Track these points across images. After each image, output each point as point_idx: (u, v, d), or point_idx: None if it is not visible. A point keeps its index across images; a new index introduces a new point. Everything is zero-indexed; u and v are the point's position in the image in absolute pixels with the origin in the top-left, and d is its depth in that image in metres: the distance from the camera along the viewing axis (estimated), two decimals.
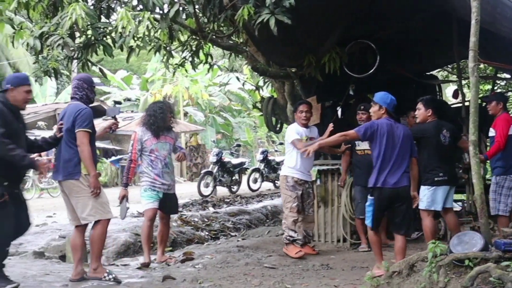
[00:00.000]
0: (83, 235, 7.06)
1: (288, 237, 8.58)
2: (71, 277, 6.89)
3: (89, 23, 7.77)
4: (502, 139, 8.10)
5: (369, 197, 7.08)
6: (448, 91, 20.53)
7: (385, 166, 6.92)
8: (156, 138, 8.13)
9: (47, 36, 7.90)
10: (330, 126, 8.03)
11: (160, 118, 8.12)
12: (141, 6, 8.02)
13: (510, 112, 11.71)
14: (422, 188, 7.71)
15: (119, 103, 9.13)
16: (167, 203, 8.36)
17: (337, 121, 10.27)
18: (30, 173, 21.85)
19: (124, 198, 8.16)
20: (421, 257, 5.98)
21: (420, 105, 7.91)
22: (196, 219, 12.22)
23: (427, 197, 7.67)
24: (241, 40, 10.93)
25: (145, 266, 8.08)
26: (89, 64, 8.81)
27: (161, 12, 8.11)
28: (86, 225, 6.98)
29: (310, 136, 8.65)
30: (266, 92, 14.23)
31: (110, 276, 6.86)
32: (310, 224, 8.84)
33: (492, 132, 8.27)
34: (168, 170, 8.31)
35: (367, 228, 7.27)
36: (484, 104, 9.06)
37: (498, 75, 13.51)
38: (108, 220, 6.97)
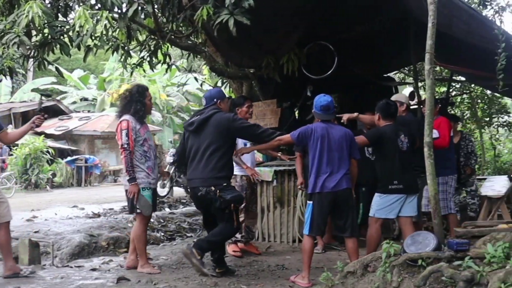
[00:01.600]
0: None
1: (232, 238, 8.58)
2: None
3: (46, 21, 7.66)
4: (447, 138, 8.25)
5: (308, 202, 7.04)
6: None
7: (323, 170, 6.87)
8: (144, 126, 7.60)
9: (2, 34, 7.78)
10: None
11: (144, 104, 7.66)
12: (99, 5, 7.94)
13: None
14: (375, 194, 7.45)
15: (48, 95, 8.71)
16: (154, 201, 7.77)
17: (295, 122, 10.33)
18: None
19: (139, 193, 7.33)
20: (375, 257, 6.05)
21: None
22: (151, 220, 12.16)
23: (377, 205, 7.35)
24: (200, 41, 10.92)
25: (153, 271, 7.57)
26: (45, 63, 8.69)
27: (119, 11, 8.05)
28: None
29: None
30: (225, 92, 14.24)
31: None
32: (252, 220, 8.89)
33: (435, 134, 8.29)
34: (157, 161, 7.76)
35: (304, 235, 7.08)
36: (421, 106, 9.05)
37: (454, 77, 13.72)
38: None
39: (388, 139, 7.32)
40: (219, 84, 13.91)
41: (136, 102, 7.56)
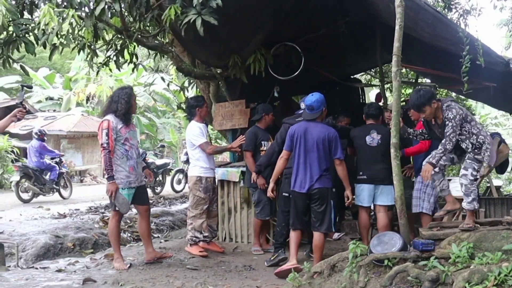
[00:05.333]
0: None
1: (194, 238, 8.64)
2: None
3: (10, 19, 7.58)
4: (427, 143, 8.34)
5: (290, 196, 7.38)
6: (371, 94, 20.88)
7: (299, 169, 7.14)
8: (127, 126, 7.71)
9: None
10: (240, 138, 8.68)
11: (129, 104, 7.70)
12: (65, 3, 7.85)
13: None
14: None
15: (29, 87, 8.44)
16: (142, 195, 7.94)
17: None
18: None
19: (117, 191, 7.50)
20: (342, 258, 6.08)
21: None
22: None
23: (356, 194, 8.01)
24: (167, 40, 10.85)
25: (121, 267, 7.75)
26: (10, 61, 8.57)
27: (86, 9, 7.98)
28: None
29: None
30: (192, 93, 14.16)
31: None
32: (214, 219, 8.97)
33: None
34: (140, 160, 8.00)
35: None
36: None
37: (419, 79, 13.82)
38: None
39: (356, 136, 8.27)
40: (186, 84, 13.82)
41: (118, 102, 7.66)
